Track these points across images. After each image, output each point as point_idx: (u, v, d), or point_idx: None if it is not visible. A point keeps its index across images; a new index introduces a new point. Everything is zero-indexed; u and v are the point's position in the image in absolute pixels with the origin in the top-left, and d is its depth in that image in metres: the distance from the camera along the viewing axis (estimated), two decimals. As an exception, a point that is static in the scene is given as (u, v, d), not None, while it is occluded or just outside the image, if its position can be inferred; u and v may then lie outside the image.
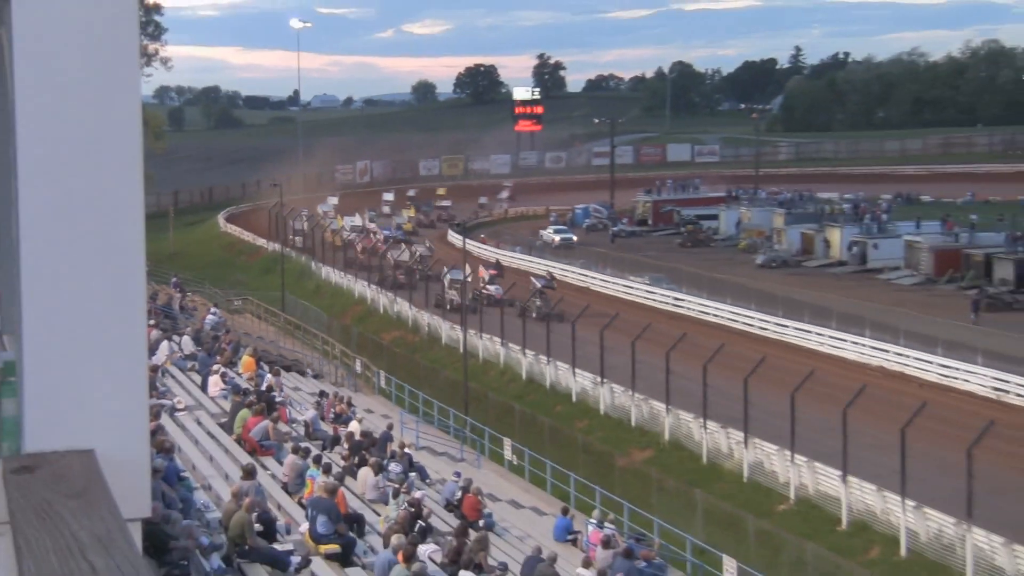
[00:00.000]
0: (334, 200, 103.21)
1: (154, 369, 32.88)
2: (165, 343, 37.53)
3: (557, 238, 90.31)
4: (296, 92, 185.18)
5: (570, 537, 28.76)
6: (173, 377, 35.54)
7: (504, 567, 22.27)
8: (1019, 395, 43.98)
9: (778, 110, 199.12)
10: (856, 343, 52.32)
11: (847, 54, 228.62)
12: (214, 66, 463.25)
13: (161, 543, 17.27)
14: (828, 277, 75.54)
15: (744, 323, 58.68)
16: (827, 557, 29.77)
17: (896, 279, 73.72)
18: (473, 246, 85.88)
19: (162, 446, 21.67)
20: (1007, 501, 32.11)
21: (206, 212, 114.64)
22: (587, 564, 24.55)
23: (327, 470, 25.02)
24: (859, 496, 33.35)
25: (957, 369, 47.02)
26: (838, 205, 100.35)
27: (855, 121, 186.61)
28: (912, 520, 31.20)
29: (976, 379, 45.95)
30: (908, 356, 49.47)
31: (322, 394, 39.00)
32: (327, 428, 33.37)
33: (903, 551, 31.11)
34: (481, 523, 27.05)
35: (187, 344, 39.32)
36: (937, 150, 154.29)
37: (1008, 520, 30.11)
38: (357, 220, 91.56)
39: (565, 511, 30.28)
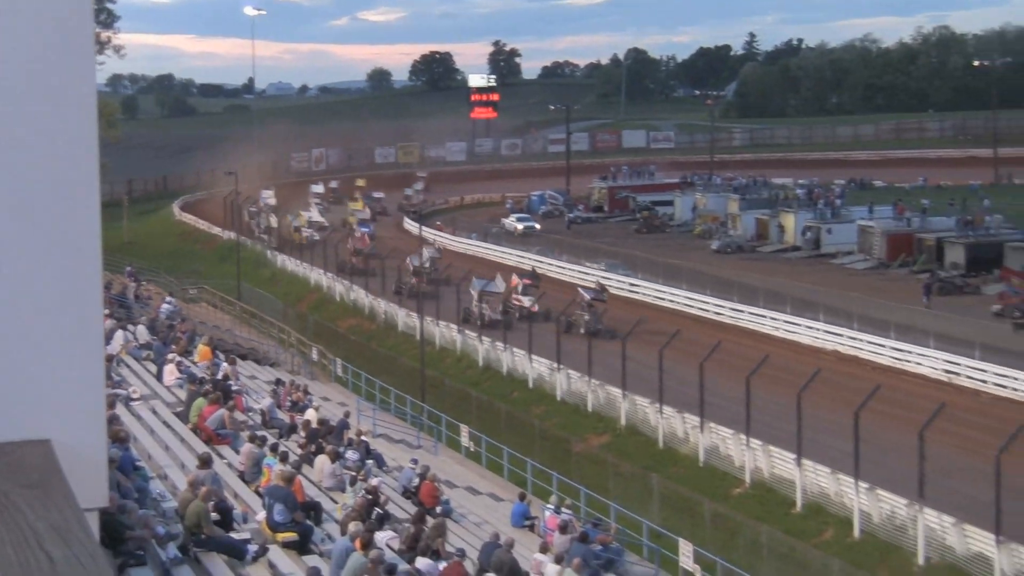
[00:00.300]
0: (269, 194, 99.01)
1: (109, 359, 32.70)
2: (120, 333, 37.32)
3: (520, 226, 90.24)
4: (251, 80, 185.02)
5: (527, 523, 28.87)
6: (128, 367, 35.36)
7: (462, 553, 22.33)
8: (970, 378, 44.47)
9: (732, 96, 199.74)
10: (810, 327, 52.71)
11: (800, 40, 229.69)
12: (168, 54, 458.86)
13: (117, 533, 17.22)
14: (782, 262, 75.99)
15: (699, 308, 58.99)
16: (782, 539, 30.04)
17: (849, 264, 74.30)
18: (429, 233, 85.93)
19: (117, 436, 21.57)
20: (957, 482, 32.50)
21: (161, 201, 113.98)
22: (544, 549, 24.65)
23: (284, 458, 24.97)
24: (813, 479, 33.64)
25: (909, 352, 47.49)
26: (792, 191, 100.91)
27: (808, 107, 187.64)
28: (865, 502, 31.51)
29: (928, 362, 46.42)
30: (861, 340, 49.90)
31: (278, 382, 38.93)
32: (284, 416, 33.31)
33: (856, 532, 31.42)
34: (438, 509, 27.10)
35: (142, 333, 39.11)
36: (889, 135, 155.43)
37: (958, 501, 30.48)
38: (315, 215, 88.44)
39: (522, 497, 30.38)
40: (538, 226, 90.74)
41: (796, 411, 34.19)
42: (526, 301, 55.86)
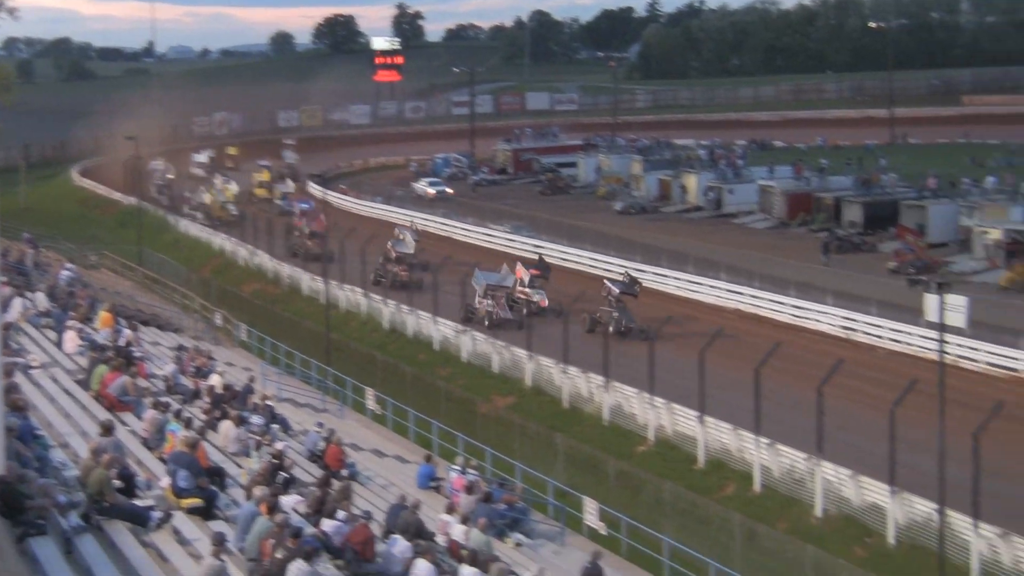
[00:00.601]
0: (160, 163, 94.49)
1: (7, 327, 32.20)
2: (18, 300, 36.71)
3: (432, 191, 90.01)
4: (150, 43, 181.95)
5: (433, 484, 29.06)
6: (27, 335, 34.83)
7: (368, 515, 22.45)
8: (867, 334, 45.42)
9: (635, 58, 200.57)
10: (713, 287, 53.40)
11: (702, 2, 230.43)
12: (64, 16, 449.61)
13: (16, 502, 17.11)
14: (685, 222, 76.85)
15: (603, 269, 59.37)
16: (684, 495, 30.54)
17: (750, 223, 75.29)
18: (335, 198, 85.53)
19: (16, 404, 21.35)
20: (854, 435, 33.27)
21: (59, 166, 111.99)
22: (450, 510, 24.86)
23: (188, 424, 24.87)
24: (716, 435, 34.19)
25: (809, 310, 48.36)
26: (694, 152, 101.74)
27: (710, 68, 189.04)
28: (766, 457, 32.11)
29: (827, 319, 47.31)
30: (762, 298, 50.68)
31: (181, 348, 38.61)
32: (187, 382, 33.08)
33: (757, 487, 32.03)
34: (344, 473, 27.20)
35: (41, 301, 38.51)
36: (789, 97, 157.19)
37: (855, 454, 31.20)
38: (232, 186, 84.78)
39: (428, 458, 30.58)
40: (450, 190, 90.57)
41: (699, 370, 34.70)
42: (534, 295, 50.15)
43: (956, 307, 40.32)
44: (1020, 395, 37.33)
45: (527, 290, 50.29)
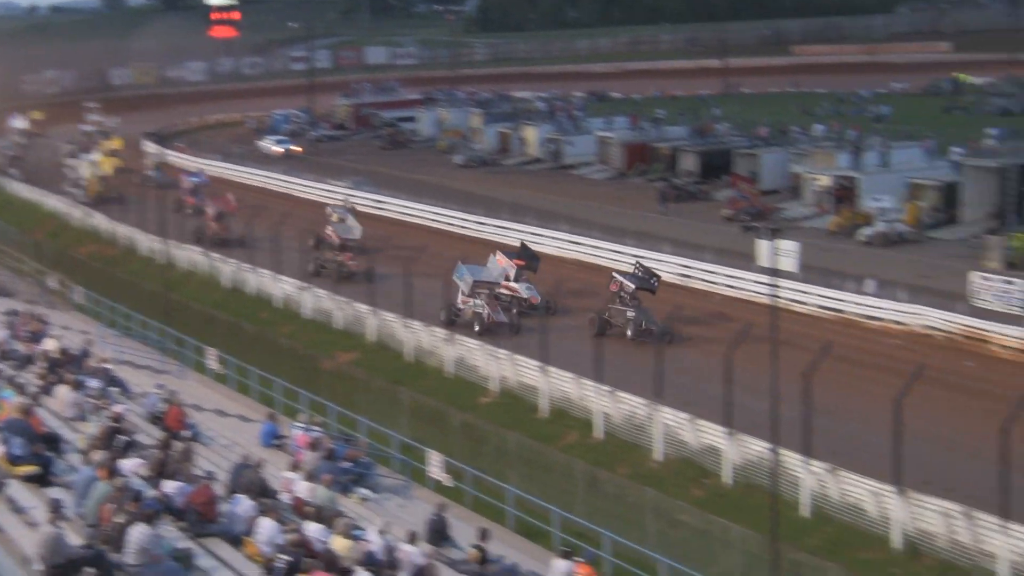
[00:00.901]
0: (21, 123, 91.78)
1: None
2: None
3: (279, 149, 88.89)
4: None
5: (276, 442, 28.89)
6: None
7: (210, 476, 22.29)
8: (703, 280, 46.45)
9: (473, 12, 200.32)
10: (554, 238, 53.90)
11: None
12: None
13: None
14: (526, 174, 77.40)
15: (445, 223, 59.57)
16: (528, 444, 30.92)
17: (589, 174, 76.14)
18: (174, 157, 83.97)
19: None
20: (692, 379, 34.14)
21: None
22: (294, 467, 24.80)
23: (21, 390, 24.36)
24: (558, 385, 34.65)
25: (646, 258, 49.14)
26: (533, 104, 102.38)
27: (547, 21, 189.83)
28: (607, 404, 32.68)
29: (664, 267, 48.11)
30: (602, 248, 51.36)
31: (14, 313, 37.66)
32: (20, 348, 32.33)
33: (600, 434, 32.60)
34: (186, 434, 26.90)
35: None
36: (625, 48, 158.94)
37: (693, 397, 32.01)
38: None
39: (271, 417, 30.40)
40: (298, 148, 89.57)
41: (542, 320, 35.11)
42: (522, 290, 43.61)
43: (787, 252, 41.63)
44: (847, 336, 38.71)
45: (514, 285, 43.68)
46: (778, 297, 29.36)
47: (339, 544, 19.32)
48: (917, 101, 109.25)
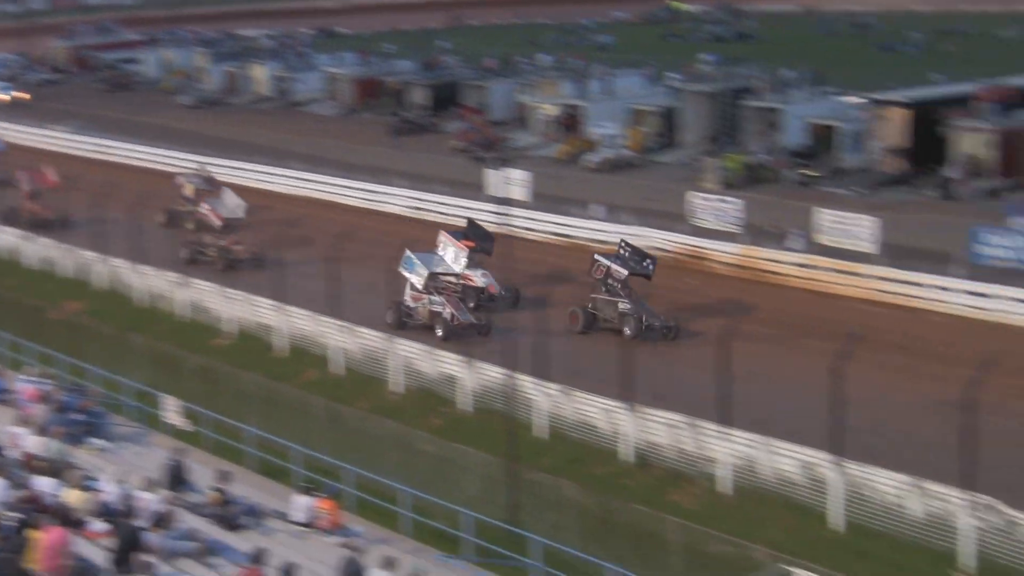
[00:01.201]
0: None
1: None
2: None
3: (5, 96, 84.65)
4: None
5: (2, 397, 28.00)
6: None
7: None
8: (435, 212, 46.86)
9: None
10: (285, 176, 53.41)
11: None
12: None
13: None
14: (255, 113, 76.35)
15: (174, 165, 58.18)
16: (266, 384, 30.80)
17: (319, 111, 75.62)
18: None
19: None
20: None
21: None
22: (24, 422, 24.13)
23: None
24: (295, 323, 34.53)
25: (378, 192, 49.38)
26: (260, 42, 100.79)
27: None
28: (346, 340, 32.76)
29: (398, 200, 48.47)
30: (334, 185, 51.21)
31: None
32: None
33: (340, 369, 32.67)
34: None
35: None
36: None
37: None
38: None
39: (-4, 372, 29.40)
40: (25, 94, 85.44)
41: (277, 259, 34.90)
42: (478, 279, 36.23)
43: (517, 181, 42.53)
44: (575, 259, 39.57)
45: (467, 272, 36.14)
46: (510, 225, 30.11)
47: (73, 496, 18.99)
48: (638, 29, 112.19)
